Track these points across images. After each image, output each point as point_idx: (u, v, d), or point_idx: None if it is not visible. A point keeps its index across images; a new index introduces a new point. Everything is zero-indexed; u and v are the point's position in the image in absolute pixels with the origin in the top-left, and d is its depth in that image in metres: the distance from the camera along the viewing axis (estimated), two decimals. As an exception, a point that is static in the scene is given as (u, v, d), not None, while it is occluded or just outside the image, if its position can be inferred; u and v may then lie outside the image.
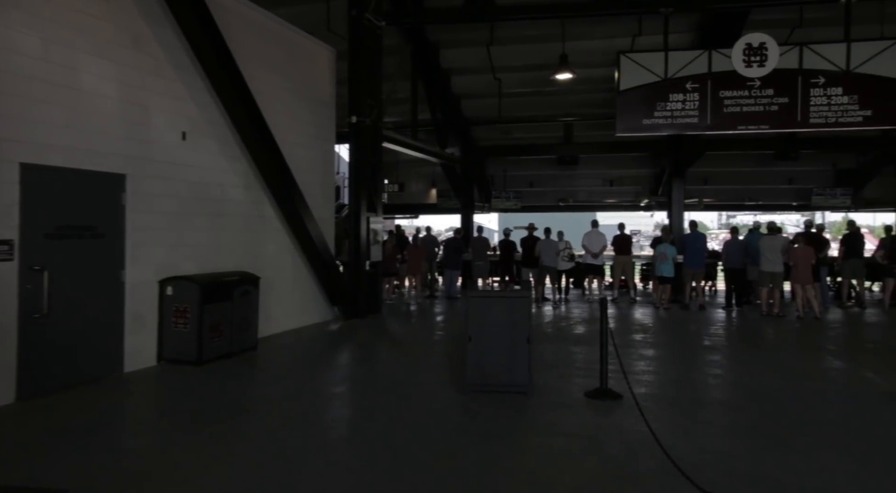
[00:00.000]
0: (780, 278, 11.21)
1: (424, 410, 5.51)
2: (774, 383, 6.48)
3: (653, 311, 12.23)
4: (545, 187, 19.40)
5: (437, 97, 15.36)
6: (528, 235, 13.80)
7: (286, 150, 9.10)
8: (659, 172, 17.72)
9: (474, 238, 14.64)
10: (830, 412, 5.48)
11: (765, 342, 9.19)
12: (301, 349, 8.49)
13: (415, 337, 9.80)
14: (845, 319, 11.28)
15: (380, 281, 11.95)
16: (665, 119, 10.63)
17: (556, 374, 6.78)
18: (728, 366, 7.49)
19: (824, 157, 17.21)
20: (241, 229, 8.61)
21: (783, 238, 11.73)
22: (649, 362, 7.51)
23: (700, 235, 12.69)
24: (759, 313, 11.38)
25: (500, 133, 16.82)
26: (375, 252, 11.44)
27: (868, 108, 9.95)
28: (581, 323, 10.73)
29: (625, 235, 13.87)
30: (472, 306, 6.12)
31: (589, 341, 8.92)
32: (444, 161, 16.15)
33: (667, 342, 9.14)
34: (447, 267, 14.33)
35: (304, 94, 10.15)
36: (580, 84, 14.81)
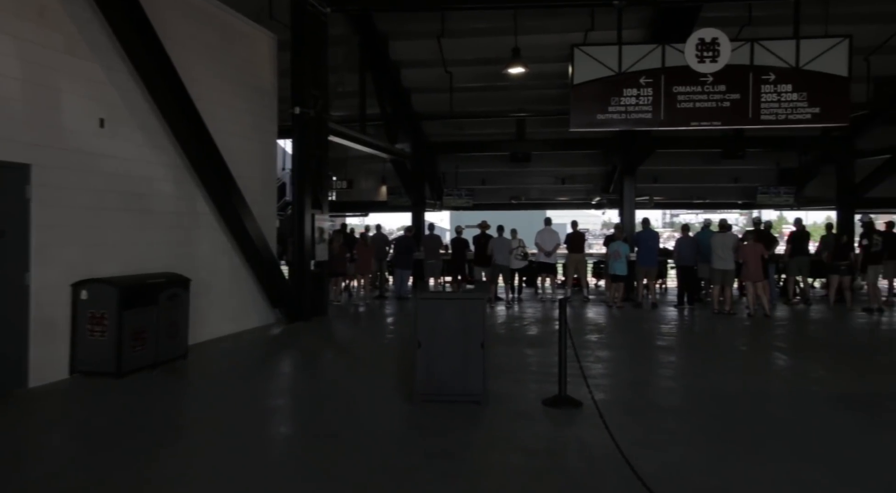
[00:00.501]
0: (731, 275, 11.21)
1: (369, 424, 5.02)
2: (732, 386, 6.28)
3: (606, 310, 12.06)
4: (497, 185, 19.12)
5: (386, 91, 14.83)
6: (481, 234, 13.46)
7: (222, 141, 8.42)
8: (610, 170, 17.69)
9: (426, 236, 14.19)
10: (792, 416, 5.28)
11: (719, 342, 9.08)
12: (237, 356, 7.85)
13: (361, 341, 9.27)
14: (793, 316, 11.37)
15: (326, 282, 11.35)
16: (619, 114, 10.43)
17: (511, 380, 6.40)
18: (685, 368, 7.29)
19: (768, 156, 17.53)
20: (171, 227, 7.90)
21: (734, 236, 11.74)
22: (606, 365, 7.23)
23: (653, 233, 12.61)
24: (711, 311, 11.34)
25: (452, 129, 16.40)
26: (321, 251, 10.84)
27: (816, 105, 9.99)
28: (535, 323, 10.42)
29: (578, 233, 13.69)
30: (422, 309, 5.67)
31: (544, 342, 8.60)
32: (394, 157, 15.62)
33: (622, 343, 8.91)
34: (397, 266, 13.84)
35: (242, 82, 9.47)
36: (533, 79, 14.54)
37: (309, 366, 7.58)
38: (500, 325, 10.28)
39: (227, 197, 8.63)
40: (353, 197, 19.60)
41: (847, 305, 11.65)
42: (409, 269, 13.78)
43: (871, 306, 11.45)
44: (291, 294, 10.10)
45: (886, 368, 7.27)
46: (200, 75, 8.27)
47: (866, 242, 11.65)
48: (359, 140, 12.81)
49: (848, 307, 11.60)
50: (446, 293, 6.30)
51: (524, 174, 18.86)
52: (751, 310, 10.95)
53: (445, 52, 13.64)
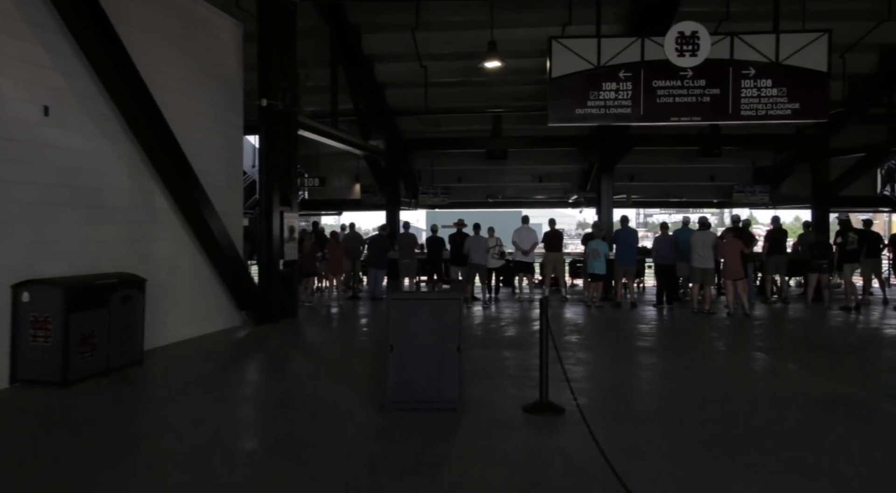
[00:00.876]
0: (711, 274, 11.04)
1: (336, 437, 4.62)
2: (718, 389, 6.03)
3: (584, 309, 11.81)
4: (474, 183, 18.82)
5: (359, 85, 14.38)
6: (457, 232, 13.10)
7: (182, 133, 7.93)
8: (587, 168, 17.50)
9: (401, 235, 13.78)
10: (780, 422, 5.02)
11: (701, 342, 8.86)
12: (198, 362, 7.36)
13: (331, 344, 8.84)
14: (773, 315, 11.24)
15: (296, 282, 10.89)
16: (598, 109, 10.17)
17: (489, 384, 6.05)
18: (668, 370, 7.02)
19: (744, 154, 17.54)
20: (126, 224, 7.39)
21: (714, 234, 11.58)
22: (587, 368, 6.93)
23: (632, 231, 12.40)
24: (691, 310, 11.16)
25: (427, 125, 16.05)
26: (290, 250, 10.38)
27: (796, 100, 9.85)
28: (513, 324, 10.11)
29: (555, 232, 13.43)
30: (394, 311, 5.29)
31: (522, 344, 8.29)
32: (367, 154, 15.18)
33: (602, 344, 8.64)
34: (371, 266, 13.41)
35: (205, 71, 8.97)
36: (510, 74, 14.28)
37: (274, 372, 7.14)
38: (477, 326, 9.94)
39: (188, 192, 8.13)
40: (326, 195, 19.08)
41: (825, 303, 11.57)
42: (383, 269, 13.37)
43: (848, 304, 11.39)
44: (258, 295, 9.62)
45: (868, 368, 7.11)
46: (158, 62, 7.78)
47: (841, 240, 11.59)
48: (330, 135, 12.36)
49: (826, 306, 11.51)
50: (420, 293, 5.87)
51: (500, 172, 18.58)
52: (731, 309, 10.78)
53: (420, 45, 13.27)
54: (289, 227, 10.41)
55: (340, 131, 13.07)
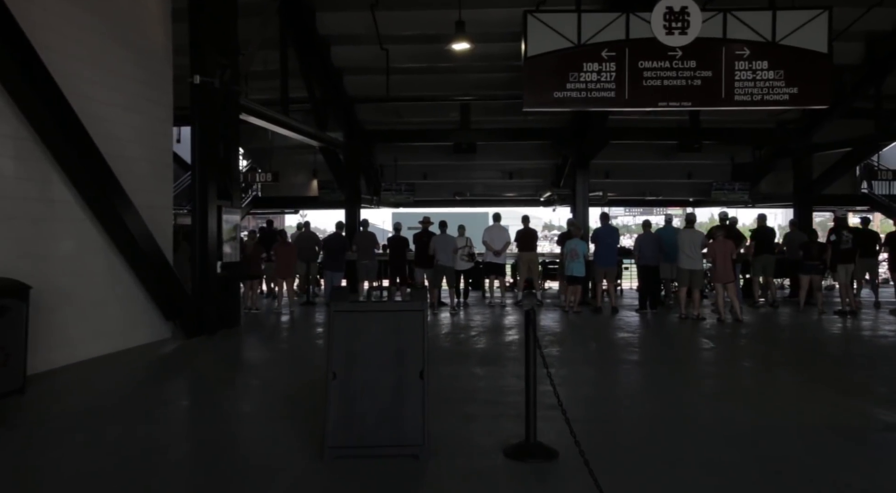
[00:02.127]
0: (700, 276, 10.09)
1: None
2: (733, 416, 4.96)
3: (562, 315, 10.76)
4: (440, 179, 17.67)
5: (313, 70, 13.05)
6: (422, 231, 11.93)
7: (90, 110, 6.60)
8: (561, 164, 16.53)
9: (358, 234, 12.53)
10: (815, 455, 3.98)
11: (697, 354, 7.87)
12: (99, 389, 5.98)
13: (273, 362, 7.53)
14: (765, 321, 10.37)
15: (238, 287, 9.55)
16: (579, 92, 9.11)
17: (459, 415, 4.88)
18: (668, 391, 5.93)
19: (722, 150, 16.80)
20: (11, 218, 5.99)
21: (702, 233, 10.66)
22: (572, 389, 5.78)
23: (612, 230, 11.42)
24: (679, 316, 10.19)
25: (389, 116, 14.82)
26: (230, 251, 9.04)
27: (794, 85, 8.97)
28: (485, 334, 8.96)
29: (529, 230, 12.37)
30: (339, 326, 4.10)
31: (497, 358, 7.15)
32: (323, 146, 13.86)
33: (586, 358, 7.54)
34: (327, 269, 12.11)
35: (122, 39, 7.60)
36: (479, 60, 13.16)
37: (193, 402, 5.80)
38: (445, 336, 8.77)
39: (96, 181, 6.76)
40: (281, 192, 17.69)
41: (818, 307, 10.74)
42: (340, 271, 12.07)
43: (843, 308, 10.58)
44: (190, 303, 8.26)
45: (882, 387, 6.18)
46: (56, 21, 6.40)
47: (834, 239, 10.79)
48: (280, 123, 11.01)
49: (819, 310, 10.69)
50: (372, 303, 4.56)
51: (469, 168, 17.48)
52: (721, 315, 9.84)
53: (381, 26, 12.02)
54: (230, 224, 9.08)
55: (292, 118, 11.72)
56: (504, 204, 18.23)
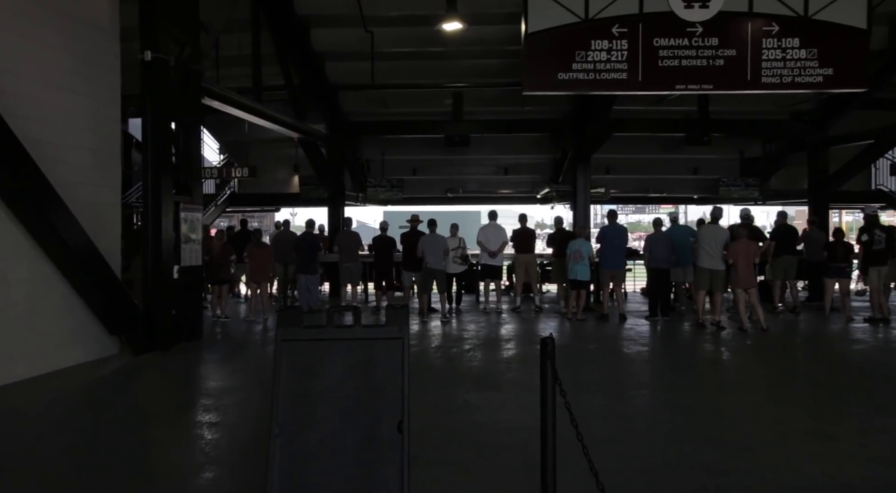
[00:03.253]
0: (722, 278, 9.05)
1: None
2: (833, 470, 3.91)
3: (565, 324, 9.71)
4: (431, 175, 16.56)
5: (291, 55, 11.91)
6: (410, 231, 10.85)
7: (13, 86, 5.45)
8: (560, 158, 15.47)
9: (340, 233, 11.44)
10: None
11: (733, 374, 6.81)
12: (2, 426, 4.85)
13: (232, 389, 6.38)
14: (793, 329, 9.38)
15: (200, 294, 8.44)
16: (586, 74, 8.05)
17: (450, 468, 3.80)
18: (709, 427, 4.84)
19: (731, 144, 15.79)
20: None
21: (727, 231, 9.60)
22: (594, 427, 4.72)
23: (621, 229, 10.36)
24: (697, 323, 9.16)
25: (376, 106, 13.70)
26: (190, 254, 7.93)
27: (829, 65, 7.95)
28: (480, 347, 7.89)
29: (527, 230, 11.32)
30: (287, 361, 3.01)
31: (495, 381, 6.10)
32: (303, 138, 12.72)
33: (603, 380, 6.44)
34: (299, 271, 10.97)
35: (55, 7, 6.45)
36: (473, 44, 12.10)
37: (111, 446, 4.52)
38: (434, 352, 7.70)
39: (18, 174, 5.63)
40: (261, 188, 16.53)
41: (846, 314, 9.74)
42: (314, 273, 10.93)
43: (874, 315, 9.58)
44: (139, 314, 7.14)
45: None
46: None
47: (866, 239, 9.77)
48: (250, 109, 9.86)
49: (847, 317, 9.68)
50: (335, 328, 3.36)
51: (461, 163, 16.39)
52: (743, 323, 8.82)
53: (365, 6, 10.91)
54: (190, 222, 7.97)
55: (266, 107, 10.57)
56: (499, 202, 17.13)
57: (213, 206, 15.32)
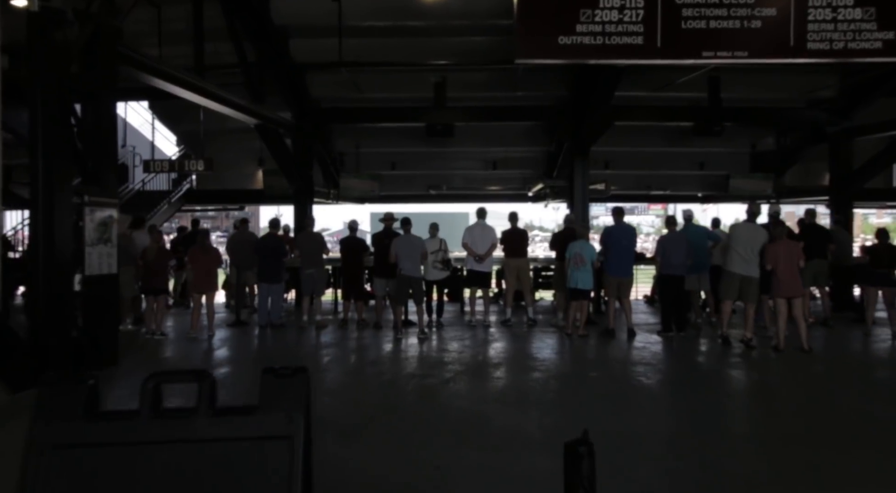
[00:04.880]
0: (755, 286, 7.58)
1: None
2: None
3: (564, 341, 8.20)
4: (412, 170, 15.00)
5: (246, 27, 10.29)
6: (384, 231, 9.31)
7: None
8: (554, 151, 13.97)
9: (302, 235, 9.86)
10: None
11: (818, 419, 5.28)
12: None
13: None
14: (843, 350, 7.93)
15: (114, 310, 6.83)
16: (593, 37, 6.57)
17: None
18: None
19: (742, 136, 14.37)
20: None
21: (765, 231, 8.14)
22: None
23: (628, 229, 8.85)
24: (721, 338, 7.69)
25: (348, 90, 12.08)
26: (100, 260, 6.32)
27: (889, 28, 6.50)
28: (463, 375, 6.34)
29: (518, 231, 9.81)
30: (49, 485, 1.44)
31: (482, 431, 4.55)
32: (260, 123, 11.06)
33: (635, 433, 4.90)
34: (261, 279, 9.41)
35: None
36: (457, 18, 10.54)
37: None
38: (406, 381, 6.14)
39: None
40: (224, 184, 14.86)
41: (893, 328, 8.32)
42: (277, 282, 9.38)
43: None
44: (17, 341, 5.51)
45: None
46: None
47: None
48: (186, 84, 8.18)
49: (894, 332, 8.27)
50: (146, 420, 1.72)
51: (445, 157, 14.85)
52: (779, 342, 7.34)
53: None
54: (97, 221, 6.36)
55: (209, 84, 8.92)
56: (487, 199, 15.54)
57: (166, 203, 13.66)
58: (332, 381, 6.25)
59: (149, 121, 15.36)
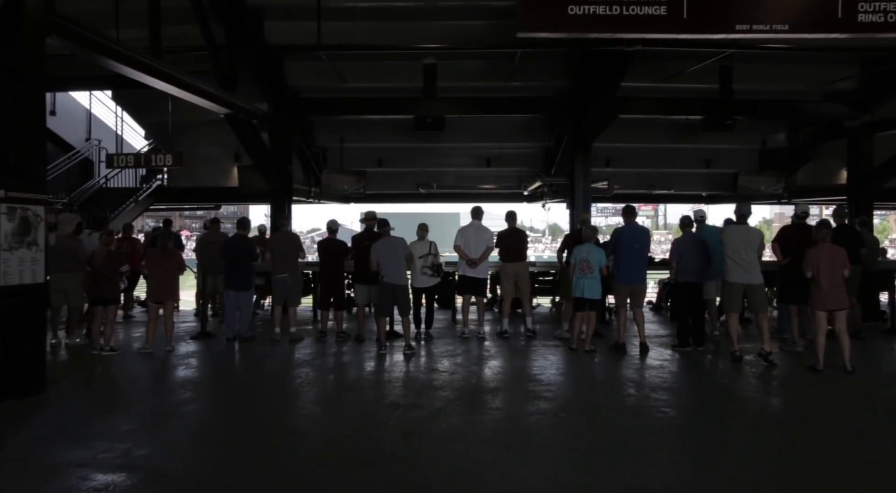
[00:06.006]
0: (761, 294, 6.78)
1: None
2: None
3: (570, 357, 7.24)
4: (400, 167, 14.02)
5: (214, 5, 9.24)
6: (364, 232, 8.34)
7: None
8: (552, 146, 13.02)
9: (276, 235, 8.87)
10: None
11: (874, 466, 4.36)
12: None
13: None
14: (883, 368, 7.02)
15: (40, 324, 5.78)
16: (608, 7, 5.61)
17: None
18: None
19: (752, 132, 13.49)
20: None
21: (760, 231, 7.30)
22: None
23: (641, 231, 7.88)
24: (732, 355, 6.78)
25: (330, 79, 11.06)
26: (20, 267, 5.29)
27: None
28: (454, 405, 5.35)
29: (516, 232, 8.85)
30: None
31: (477, 484, 3.55)
32: (232, 114, 9.99)
33: (668, 482, 3.95)
34: (227, 286, 8.38)
35: None
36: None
37: None
38: (384, 414, 5.14)
39: None
40: (198, 181, 13.77)
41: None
42: (247, 289, 8.35)
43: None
44: None
45: None
46: None
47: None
48: (133, 61, 7.07)
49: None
50: None
51: (436, 153, 13.88)
52: (818, 360, 6.42)
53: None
54: (17, 220, 5.32)
55: (165, 65, 7.83)
56: (480, 199, 14.55)
57: (133, 202, 12.57)
58: (300, 416, 5.24)
59: (118, 114, 14.25)
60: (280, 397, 5.77)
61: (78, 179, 12.93)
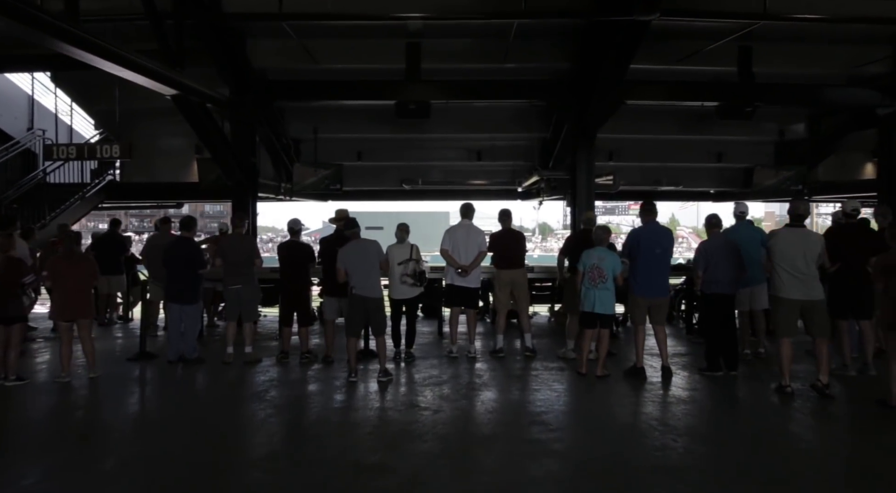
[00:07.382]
0: (822, 312, 5.49)
1: None
2: None
3: (578, 384, 5.98)
4: (381, 160, 12.68)
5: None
6: (334, 235, 7.02)
7: None
8: (550, 138, 11.73)
9: (226, 238, 7.57)
10: None
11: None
12: None
13: None
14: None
15: None
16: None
17: None
18: None
19: (768, 122, 12.29)
20: None
21: (820, 235, 6.08)
22: None
23: (663, 232, 6.58)
24: (778, 388, 5.53)
25: (298, 59, 9.68)
26: None
27: None
28: (444, 456, 4.05)
29: (512, 233, 7.56)
30: None
31: None
32: (180, 95, 8.54)
33: None
34: (169, 299, 7.03)
35: None
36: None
37: None
38: (354, 476, 3.82)
39: None
40: (154, 176, 12.33)
41: None
42: (192, 301, 6.99)
43: None
44: None
45: None
46: None
47: None
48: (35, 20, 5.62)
49: None
50: None
51: (421, 145, 12.57)
52: (891, 397, 5.16)
53: None
54: None
55: (81, 28, 6.41)
56: (470, 196, 13.18)
57: (79, 199, 11.14)
58: (239, 483, 3.90)
59: (67, 102, 12.80)
60: (210, 449, 4.43)
61: (19, 174, 11.49)
